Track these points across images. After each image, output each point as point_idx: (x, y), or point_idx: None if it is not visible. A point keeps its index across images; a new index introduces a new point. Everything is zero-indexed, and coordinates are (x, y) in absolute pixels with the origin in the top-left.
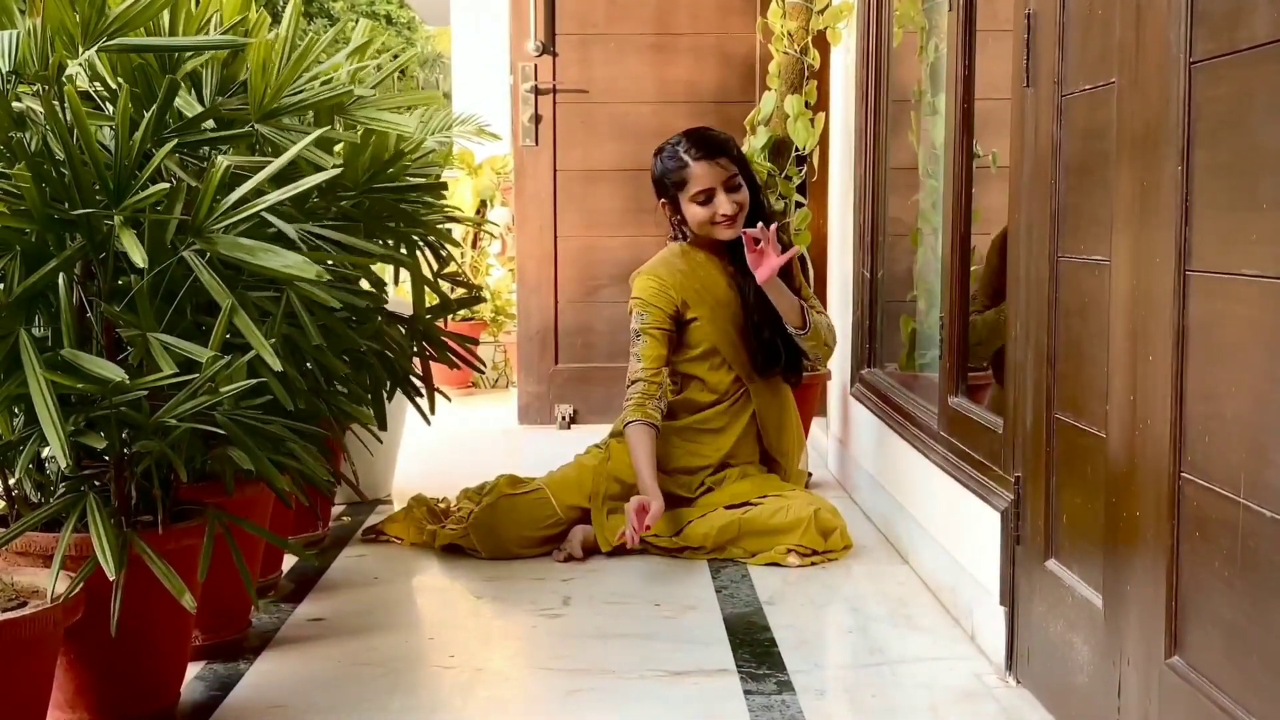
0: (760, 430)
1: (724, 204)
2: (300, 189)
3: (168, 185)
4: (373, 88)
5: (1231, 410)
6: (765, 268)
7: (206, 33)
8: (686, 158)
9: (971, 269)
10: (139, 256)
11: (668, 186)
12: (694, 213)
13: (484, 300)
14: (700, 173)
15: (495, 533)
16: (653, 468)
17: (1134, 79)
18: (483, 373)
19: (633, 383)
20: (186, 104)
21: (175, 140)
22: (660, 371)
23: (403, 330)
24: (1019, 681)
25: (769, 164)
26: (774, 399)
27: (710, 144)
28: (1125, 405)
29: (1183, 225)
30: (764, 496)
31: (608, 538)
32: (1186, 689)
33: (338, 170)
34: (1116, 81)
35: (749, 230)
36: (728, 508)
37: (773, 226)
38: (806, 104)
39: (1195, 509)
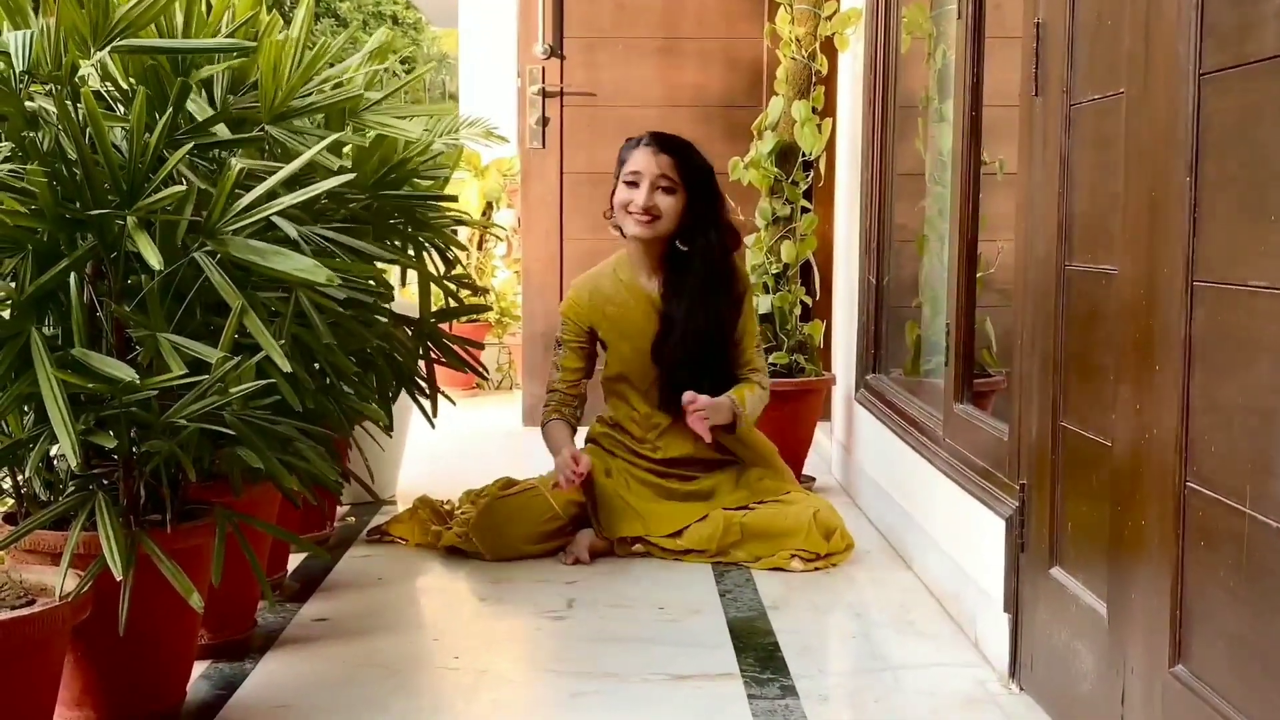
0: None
1: (641, 194)
2: (312, 193)
3: (184, 188)
4: (386, 97)
5: (1238, 421)
6: (701, 429)
7: (218, 33)
8: (639, 142)
9: (978, 275)
10: (154, 259)
11: (618, 166)
12: (618, 194)
13: (490, 308)
14: (639, 156)
15: (497, 532)
16: (571, 444)
17: (1143, 90)
18: (486, 378)
19: (550, 392)
20: (199, 107)
21: (192, 143)
22: (578, 384)
23: (408, 332)
24: (1022, 689)
25: (776, 169)
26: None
27: (665, 141)
28: (1131, 414)
29: (1190, 236)
30: (762, 501)
31: (604, 523)
32: (1190, 698)
33: (350, 176)
34: (1125, 92)
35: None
36: (726, 509)
37: (695, 403)
38: (814, 109)
39: (1200, 519)
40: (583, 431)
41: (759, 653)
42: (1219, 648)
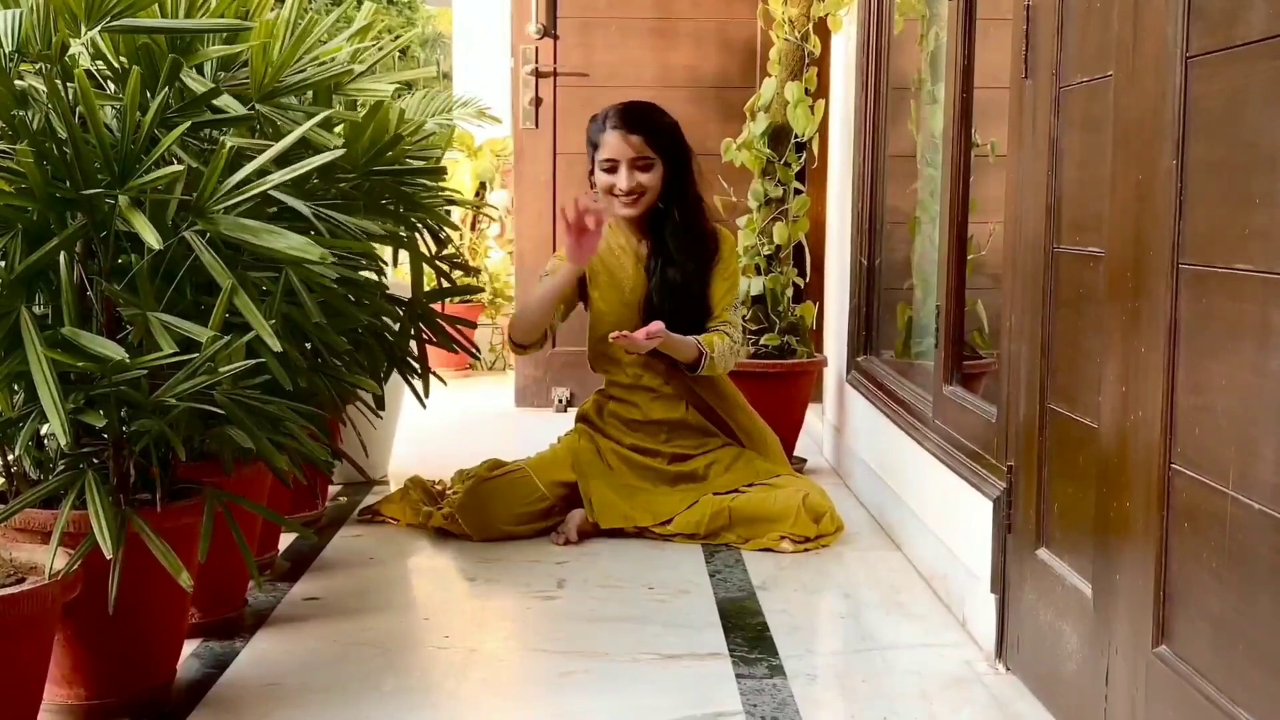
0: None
1: (622, 178)
2: (303, 170)
3: (180, 168)
4: (372, 67)
5: (1222, 403)
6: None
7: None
8: (606, 124)
9: (969, 257)
10: (152, 237)
11: (590, 148)
12: (599, 179)
13: (482, 290)
14: (611, 141)
15: (482, 513)
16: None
17: (1131, 73)
18: (478, 357)
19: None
20: (198, 82)
21: (188, 123)
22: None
23: (400, 312)
24: (1009, 669)
25: (768, 150)
26: (702, 386)
27: (633, 118)
28: (1117, 396)
29: (1177, 219)
30: (751, 484)
31: (595, 508)
32: (1173, 678)
33: (341, 151)
34: (1114, 75)
35: (625, 336)
36: (715, 494)
37: (645, 330)
38: (806, 91)
39: (1185, 501)
40: (573, 415)
41: (748, 633)
42: (1202, 629)
